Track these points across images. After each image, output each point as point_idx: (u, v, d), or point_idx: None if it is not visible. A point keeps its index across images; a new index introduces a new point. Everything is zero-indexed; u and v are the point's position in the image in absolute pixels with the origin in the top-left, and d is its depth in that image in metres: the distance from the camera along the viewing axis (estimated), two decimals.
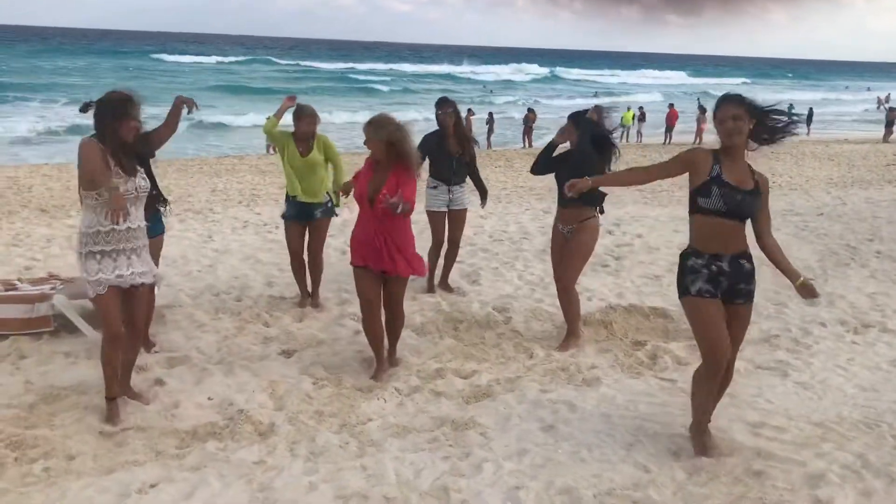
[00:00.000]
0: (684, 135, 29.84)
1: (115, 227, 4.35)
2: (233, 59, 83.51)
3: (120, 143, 4.32)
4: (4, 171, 16.48)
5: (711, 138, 4.54)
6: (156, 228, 5.37)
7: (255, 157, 21.26)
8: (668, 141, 28.78)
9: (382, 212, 4.98)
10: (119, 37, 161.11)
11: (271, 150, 20.86)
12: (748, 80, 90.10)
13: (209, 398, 4.88)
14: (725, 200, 4.01)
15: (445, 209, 7.19)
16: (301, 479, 3.94)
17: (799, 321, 6.71)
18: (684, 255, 4.18)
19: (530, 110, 29.10)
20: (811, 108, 35.89)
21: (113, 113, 4.30)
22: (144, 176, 4.52)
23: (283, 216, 6.79)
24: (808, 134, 32.65)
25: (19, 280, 6.49)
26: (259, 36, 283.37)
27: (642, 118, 30.46)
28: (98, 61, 68.78)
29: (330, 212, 6.74)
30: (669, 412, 4.78)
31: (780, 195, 14.37)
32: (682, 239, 5.43)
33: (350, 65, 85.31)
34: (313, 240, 6.75)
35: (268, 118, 6.60)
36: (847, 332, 6.47)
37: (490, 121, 27.84)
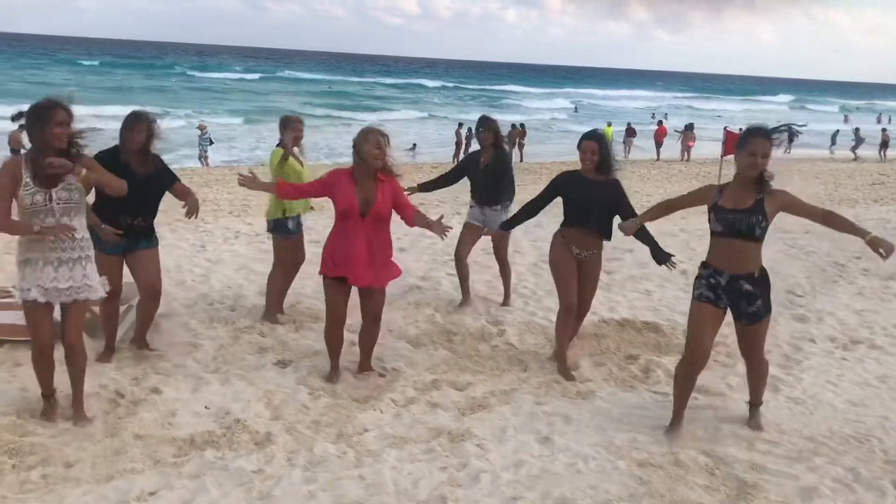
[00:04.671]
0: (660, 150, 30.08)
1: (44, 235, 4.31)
2: (258, 74, 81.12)
3: (46, 150, 4.26)
4: None
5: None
6: (149, 243, 5.49)
7: (245, 167, 21.26)
8: (658, 157, 29.00)
9: (372, 223, 5.13)
10: (117, 46, 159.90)
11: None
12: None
13: (206, 407, 4.90)
14: (722, 224, 4.48)
15: (479, 224, 7.17)
16: (300, 487, 3.96)
17: (788, 337, 6.79)
18: (700, 266, 4.69)
19: (513, 126, 29.29)
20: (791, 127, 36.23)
21: (37, 119, 4.26)
22: (72, 187, 4.36)
23: (288, 232, 6.57)
24: (788, 152, 33.01)
25: (14, 287, 6.46)
26: (253, 47, 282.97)
27: (631, 134, 30.69)
28: (125, 74, 66.64)
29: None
30: (663, 425, 4.82)
31: None
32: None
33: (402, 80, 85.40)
34: (302, 248, 6.77)
35: (281, 152, 6.35)
36: (836, 349, 6.55)
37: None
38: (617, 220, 5.42)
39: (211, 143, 22.82)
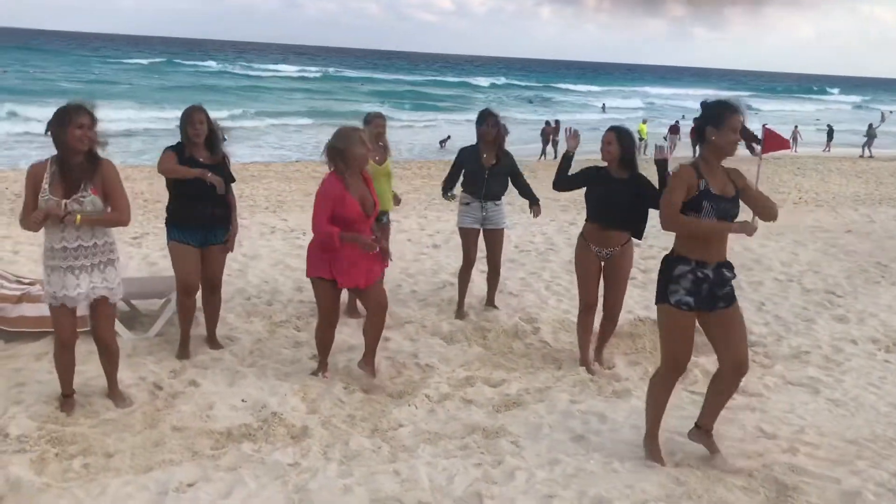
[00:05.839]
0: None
1: (66, 244, 4.37)
2: (315, 73, 79.74)
3: (68, 152, 4.29)
4: None
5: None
6: (224, 237, 5.70)
7: (280, 164, 21.43)
8: (695, 155, 28.72)
9: (371, 219, 5.16)
10: (151, 43, 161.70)
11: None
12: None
13: (243, 400, 4.94)
14: (717, 213, 4.02)
15: (478, 227, 6.90)
16: (336, 481, 3.98)
17: (829, 338, 6.68)
18: (670, 262, 4.16)
19: (547, 122, 29.18)
20: (829, 126, 35.52)
21: (58, 121, 4.28)
22: (84, 199, 4.34)
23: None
24: (828, 150, 32.42)
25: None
26: (287, 44, 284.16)
27: (675, 131, 30.31)
28: (166, 72, 66.35)
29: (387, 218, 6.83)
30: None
31: (807, 211, 14.30)
32: None
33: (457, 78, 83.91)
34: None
35: None
36: (878, 350, 6.43)
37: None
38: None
39: (224, 139, 22.74)
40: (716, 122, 4.04)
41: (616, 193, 5.49)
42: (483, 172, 6.75)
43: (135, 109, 33.97)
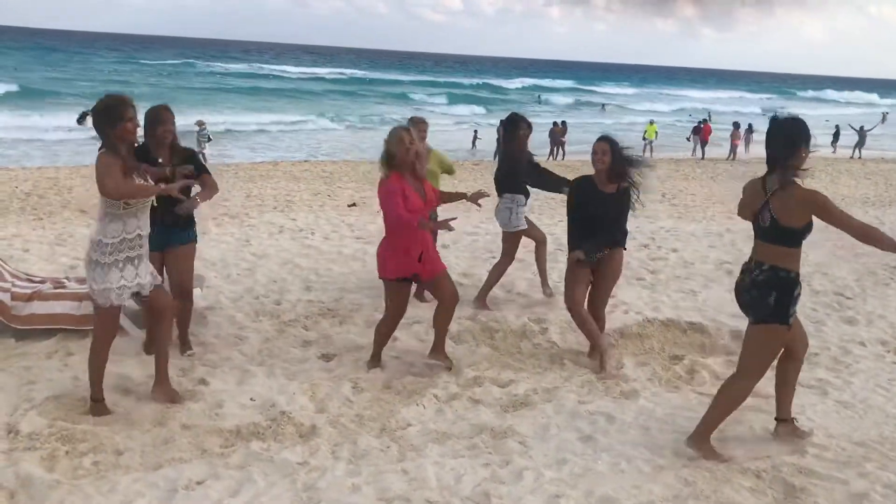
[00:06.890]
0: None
1: (140, 232, 4.49)
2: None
3: (122, 145, 4.38)
4: (45, 171, 16.85)
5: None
6: (190, 235, 5.52)
7: (288, 163, 21.49)
8: (702, 156, 28.67)
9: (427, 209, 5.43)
10: (154, 42, 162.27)
11: None
12: None
13: (252, 399, 4.97)
14: None
15: None
16: (344, 480, 4.00)
17: (838, 340, 6.66)
18: (789, 282, 4.22)
19: (555, 123, 29.14)
20: (837, 126, 35.27)
21: (110, 118, 4.34)
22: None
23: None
24: (833, 152, 32.23)
25: (67, 278, 6.64)
26: (294, 44, 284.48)
27: (697, 132, 30.14)
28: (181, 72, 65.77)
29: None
30: None
31: None
32: (718, 255, 5.45)
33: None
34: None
35: None
36: (888, 353, 6.40)
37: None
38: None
39: (209, 139, 22.45)
40: (808, 141, 4.09)
41: (602, 208, 5.63)
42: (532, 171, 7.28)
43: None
